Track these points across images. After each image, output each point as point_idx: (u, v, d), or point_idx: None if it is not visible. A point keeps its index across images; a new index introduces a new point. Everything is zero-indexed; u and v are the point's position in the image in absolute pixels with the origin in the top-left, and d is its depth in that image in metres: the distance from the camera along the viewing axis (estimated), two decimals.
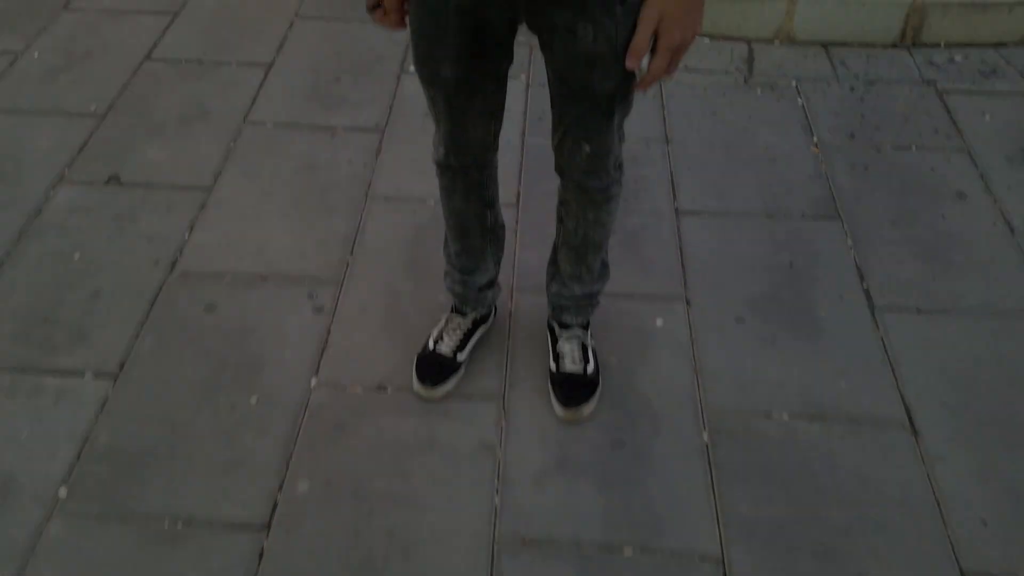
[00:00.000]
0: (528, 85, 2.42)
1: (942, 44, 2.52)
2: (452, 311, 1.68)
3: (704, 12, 1.07)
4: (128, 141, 2.21)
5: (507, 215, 1.95)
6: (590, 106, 1.20)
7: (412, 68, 2.40)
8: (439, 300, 1.79)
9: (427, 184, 2.07)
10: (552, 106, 1.28)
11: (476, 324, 1.68)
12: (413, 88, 2.39)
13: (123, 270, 1.85)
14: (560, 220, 1.49)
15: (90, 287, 1.81)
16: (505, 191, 2.05)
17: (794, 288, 1.85)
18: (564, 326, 1.64)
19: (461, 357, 1.63)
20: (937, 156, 2.19)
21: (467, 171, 1.42)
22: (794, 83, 2.43)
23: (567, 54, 1.13)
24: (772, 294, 1.84)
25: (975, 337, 1.75)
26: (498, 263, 1.62)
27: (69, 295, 1.79)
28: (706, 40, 2.59)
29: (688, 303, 1.81)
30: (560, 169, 1.37)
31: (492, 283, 1.64)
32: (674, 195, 2.09)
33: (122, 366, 1.65)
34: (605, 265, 1.58)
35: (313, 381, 1.63)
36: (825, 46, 2.54)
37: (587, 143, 1.27)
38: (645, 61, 1.09)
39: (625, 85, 1.19)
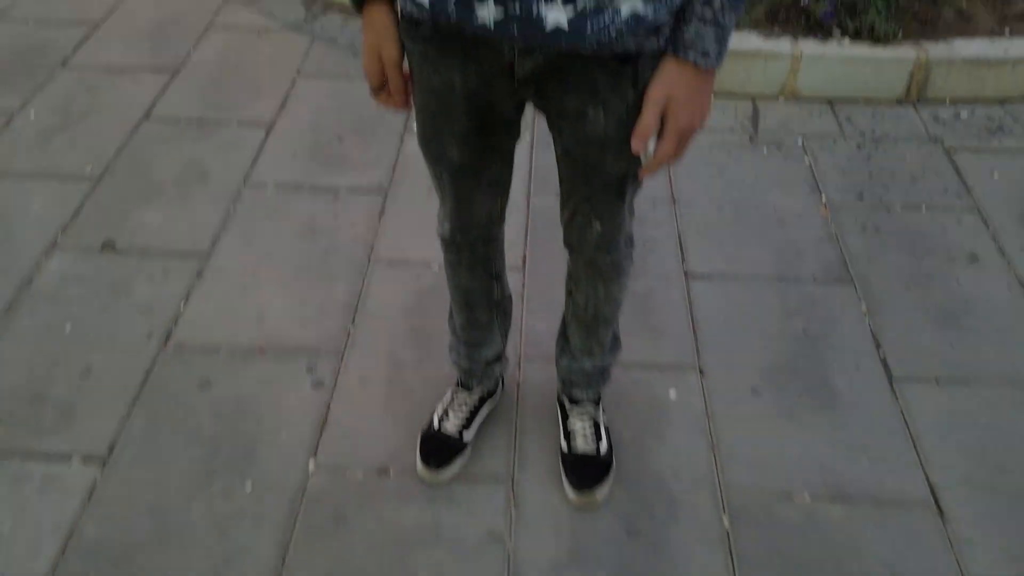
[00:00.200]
0: (532, 145, 2.39)
1: (947, 100, 2.50)
2: (457, 385, 1.62)
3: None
4: (124, 205, 2.17)
5: (513, 279, 1.91)
6: (601, 186, 1.16)
7: (415, 125, 2.37)
8: (444, 371, 1.73)
9: (431, 247, 2.03)
10: (560, 182, 1.24)
11: (483, 400, 1.61)
12: (417, 148, 2.36)
13: (116, 343, 1.79)
14: (569, 294, 1.44)
15: (81, 362, 1.75)
16: (511, 254, 2.01)
17: (809, 356, 1.80)
18: (574, 401, 1.58)
19: (467, 436, 1.57)
20: (948, 216, 2.15)
21: (473, 246, 1.38)
22: (800, 141, 2.40)
23: (577, 136, 1.09)
24: (787, 363, 1.78)
25: (997, 409, 1.69)
26: (505, 335, 1.57)
27: (59, 371, 1.73)
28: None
29: (702, 373, 1.75)
30: (569, 245, 1.33)
31: (499, 356, 1.58)
32: (683, 257, 2.04)
33: (111, 449, 1.57)
34: (616, 338, 1.53)
35: (311, 464, 1.56)
36: (830, 102, 2.52)
37: (598, 221, 1.23)
38: (651, 143, 1.05)
39: (637, 165, 1.15)
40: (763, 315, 1.89)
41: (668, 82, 0.98)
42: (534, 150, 2.37)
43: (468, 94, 1.09)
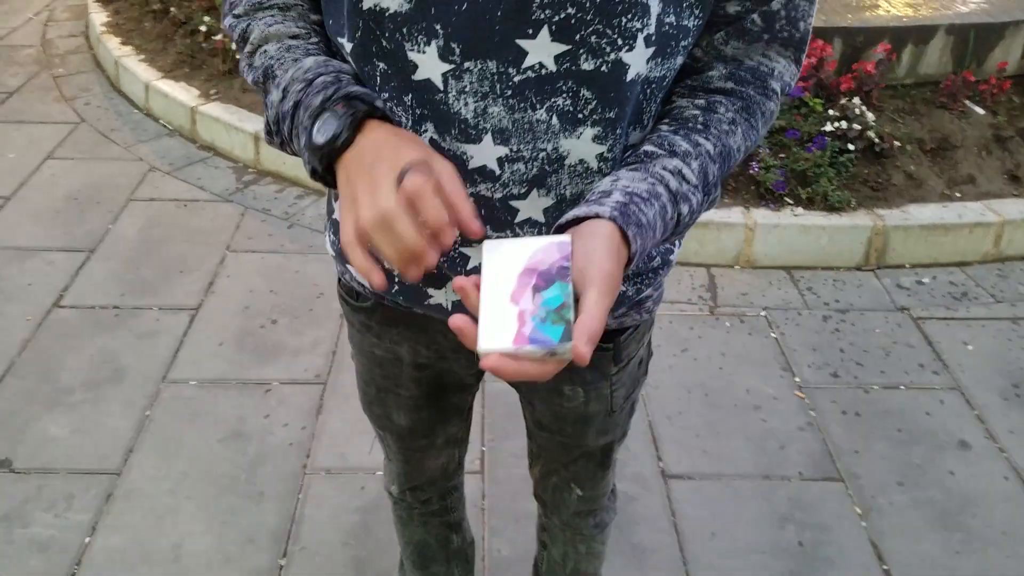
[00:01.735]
0: None
1: (907, 265, 2.46)
2: None
3: None
4: (25, 414, 1.89)
5: (470, 486, 1.67)
6: (582, 456, 0.98)
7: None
8: None
9: (376, 450, 1.80)
10: (529, 437, 1.05)
11: None
12: None
13: None
14: (543, 546, 1.23)
15: None
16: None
17: None
18: None
19: None
20: (929, 397, 2.04)
21: (427, 503, 1.17)
22: (763, 313, 2.30)
23: (553, 412, 0.92)
24: None
25: None
26: None
27: None
28: None
29: None
30: (541, 501, 1.13)
31: None
32: (657, 453, 1.86)
33: None
34: None
35: None
36: (788, 270, 2.45)
37: (579, 488, 1.04)
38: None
39: (625, 428, 0.98)
40: (753, 523, 1.70)
41: (619, 259, 0.60)
42: None
43: (418, 366, 0.91)
